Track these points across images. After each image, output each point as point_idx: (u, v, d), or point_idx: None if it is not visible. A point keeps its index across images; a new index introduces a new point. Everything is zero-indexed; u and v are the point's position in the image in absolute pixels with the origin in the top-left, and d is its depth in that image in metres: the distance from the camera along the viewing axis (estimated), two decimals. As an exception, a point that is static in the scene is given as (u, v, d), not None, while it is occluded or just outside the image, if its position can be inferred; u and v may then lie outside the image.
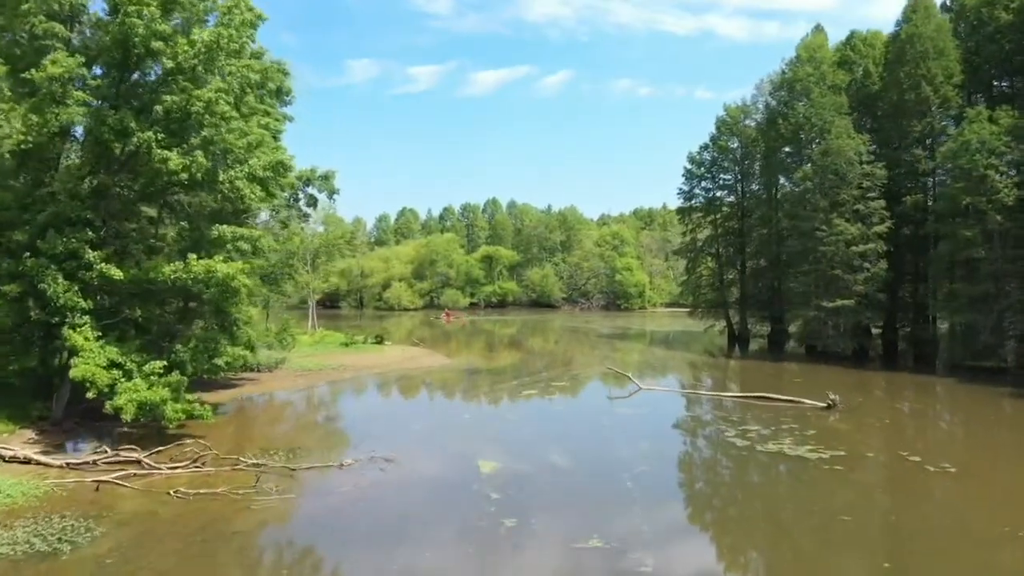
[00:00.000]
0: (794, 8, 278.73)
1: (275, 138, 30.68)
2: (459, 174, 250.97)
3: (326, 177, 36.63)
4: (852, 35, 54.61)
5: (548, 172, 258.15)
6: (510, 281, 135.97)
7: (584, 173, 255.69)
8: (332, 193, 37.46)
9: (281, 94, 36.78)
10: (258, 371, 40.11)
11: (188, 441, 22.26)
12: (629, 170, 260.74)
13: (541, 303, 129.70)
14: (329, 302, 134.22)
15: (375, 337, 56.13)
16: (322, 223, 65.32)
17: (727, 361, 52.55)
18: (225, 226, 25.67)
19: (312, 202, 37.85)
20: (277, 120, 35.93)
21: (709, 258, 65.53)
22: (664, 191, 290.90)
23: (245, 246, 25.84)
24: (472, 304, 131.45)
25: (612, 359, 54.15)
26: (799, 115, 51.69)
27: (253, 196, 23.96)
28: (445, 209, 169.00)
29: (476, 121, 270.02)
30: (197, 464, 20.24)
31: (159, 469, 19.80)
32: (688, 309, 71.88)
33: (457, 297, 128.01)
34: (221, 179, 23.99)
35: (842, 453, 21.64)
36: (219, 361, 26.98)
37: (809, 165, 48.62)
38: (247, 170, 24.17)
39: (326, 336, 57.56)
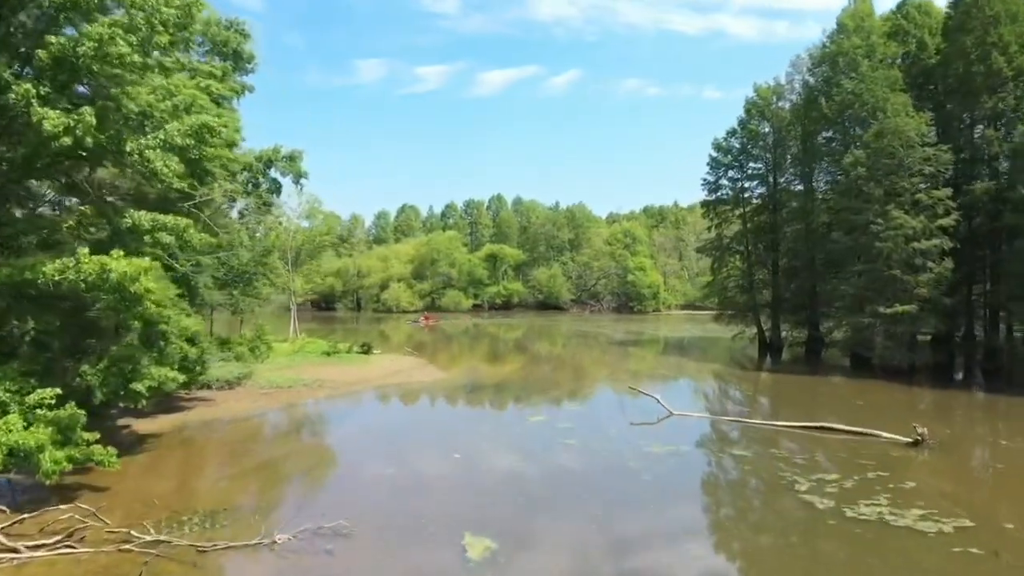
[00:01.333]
0: (804, 7, 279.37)
1: (217, 103, 25.05)
2: (463, 173, 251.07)
3: (291, 158, 30.98)
4: (904, 2, 48.71)
5: (554, 171, 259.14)
6: (515, 281, 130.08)
7: (591, 172, 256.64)
8: (299, 176, 31.79)
9: (240, 59, 31.25)
10: (216, 389, 34.75)
11: (78, 503, 16.59)
12: (636, 169, 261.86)
13: (548, 305, 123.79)
14: (324, 303, 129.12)
15: (361, 346, 50.46)
16: (305, 217, 59.85)
17: (762, 375, 46.64)
18: (143, 212, 20.11)
19: (275, 188, 32.16)
20: (233, 90, 30.46)
21: (737, 257, 59.59)
22: (673, 189, 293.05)
23: (167, 238, 20.23)
24: (475, 306, 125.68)
25: (629, 371, 48.49)
26: (845, 92, 45.84)
27: (168, 171, 18.25)
28: (447, 206, 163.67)
29: (482, 121, 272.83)
30: (71, 542, 14.65)
31: (16, 551, 14.23)
32: (703, 311, 66.08)
33: (459, 298, 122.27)
34: (129, 148, 18.39)
35: (967, 522, 15.84)
36: (139, 386, 21.41)
37: (860, 149, 42.63)
38: (162, 136, 18.51)
39: (308, 344, 51.94)
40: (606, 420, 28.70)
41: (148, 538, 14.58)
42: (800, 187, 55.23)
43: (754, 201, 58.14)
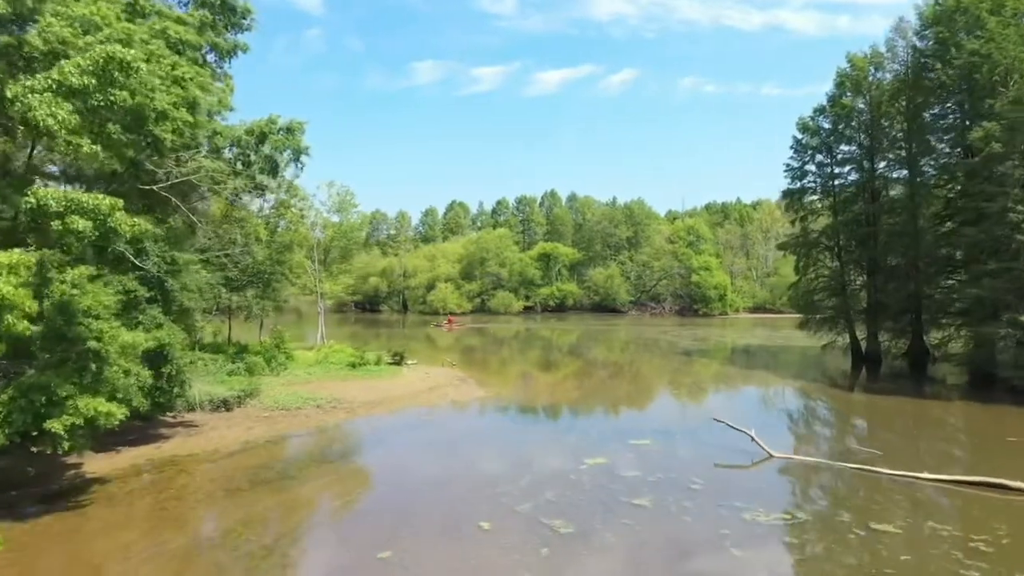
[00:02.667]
0: (867, 0, 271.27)
1: (179, 52, 19.58)
2: (515, 174, 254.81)
3: (290, 130, 25.37)
4: (1039, -54, 40.88)
5: (608, 171, 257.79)
6: (570, 282, 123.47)
7: (647, 171, 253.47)
8: (299, 153, 26.19)
9: (230, 11, 25.88)
10: (212, 410, 29.62)
11: None
12: (694, 168, 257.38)
13: (605, 307, 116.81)
14: (369, 305, 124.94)
15: (392, 356, 44.91)
16: (336, 211, 54.74)
17: (863, 396, 39.43)
18: (51, 189, 14.74)
19: (272, 167, 26.63)
20: (219, 46, 25.08)
21: (826, 254, 52.21)
22: (734, 187, 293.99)
23: (82, 225, 14.73)
24: (527, 308, 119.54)
25: (702, 389, 41.86)
26: (967, 55, 38.36)
27: (57, 123, 12.76)
28: (498, 203, 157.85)
29: (537, 122, 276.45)
30: None
31: None
32: (774, 314, 58.71)
33: (510, 300, 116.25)
34: (10, 93, 12.97)
35: None
36: (56, 424, 16.25)
37: (993, 123, 35.17)
38: (55, 76, 13.03)
39: (334, 352, 46.67)
40: (684, 463, 22.31)
41: None
42: (903, 172, 47.64)
43: (849, 189, 50.65)
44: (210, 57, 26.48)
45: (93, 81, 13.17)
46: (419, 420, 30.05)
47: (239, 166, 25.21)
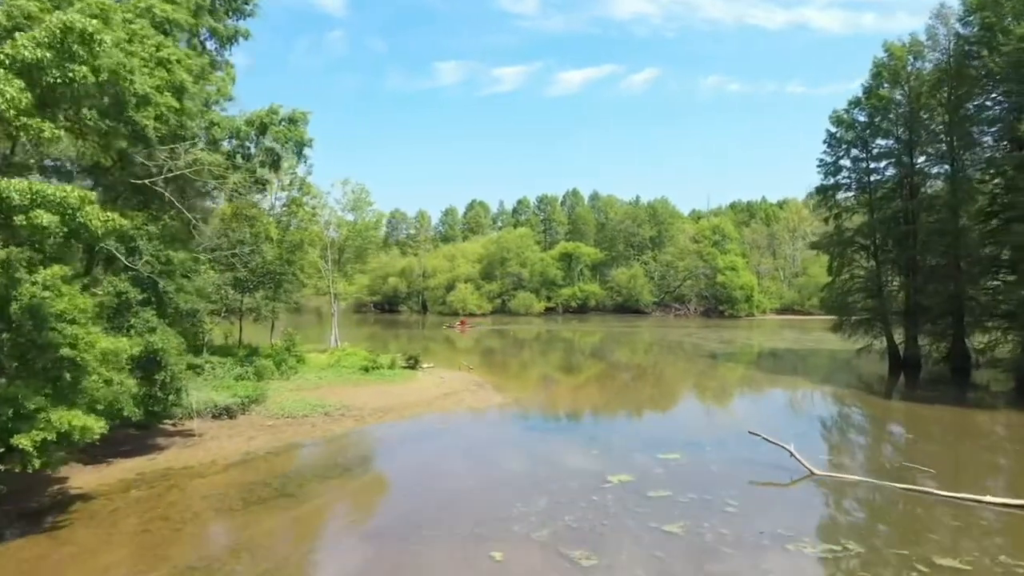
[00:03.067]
0: None
1: (165, 33, 18.08)
2: (536, 174, 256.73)
3: (292, 120, 23.86)
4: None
5: (631, 171, 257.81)
6: (592, 283, 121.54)
7: (670, 170, 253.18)
8: (301, 145, 24.68)
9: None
10: (214, 418, 28.24)
11: None
12: (718, 167, 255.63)
13: (628, 308, 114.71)
14: (388, 305, 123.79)
15: (407, 360, 43.36)
16: (351, 209, 53.33)
17: (903, 404, 37.31)
18: (14, 181, 13.28)
19: (273, 160, 25.12)
20: (217, 31, 23.65)
21: (862, 254, 49.93)
22: (759, 186, 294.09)
23: (47, 219, 13.26)
24: (548, 309, 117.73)
25: (732, 395, 39.96)
26: (1016, 42, 36.12)
27: (5, 102, 11.27)
28: (519, 202, 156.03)
29: (558, 122, 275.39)
30: None
31: None
32: (802, 315, 56.47)
33: (531, 301, 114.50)
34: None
35: None
36: (24, 440, 14.90)
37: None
38: (7, 51, 11.54)
39: (346, 356, 45.20)
40: (717, 480, 20.45)
41: None
42: (944, 167, 45.33)
43: (887, 185, 48.38)
44: (210, 44, 25.09)
45: (48, 55, 11.70)
46: (431, 429, 28.42)
47: (239, 159, 23.69)
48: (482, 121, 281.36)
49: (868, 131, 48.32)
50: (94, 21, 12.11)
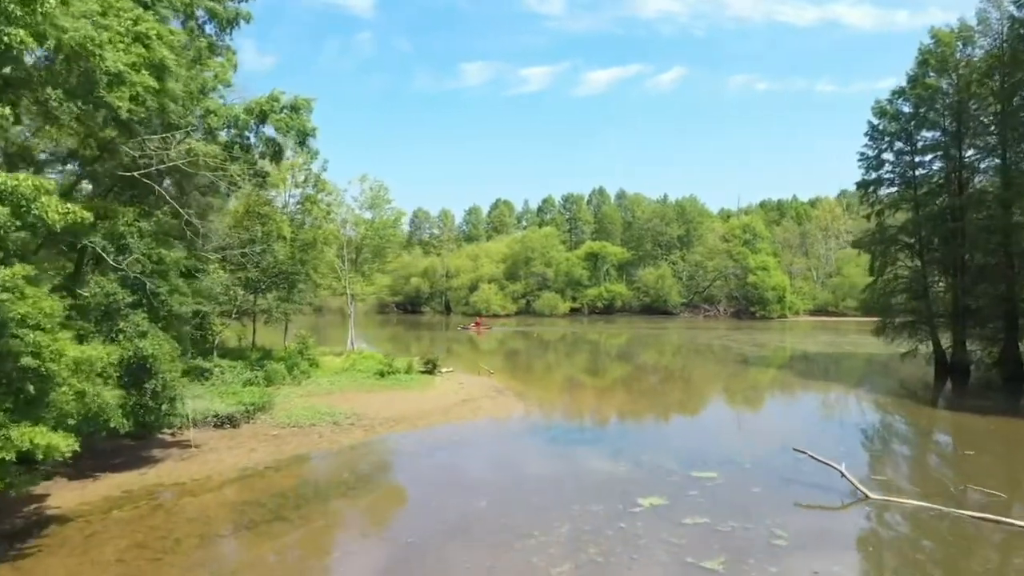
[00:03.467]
0: None
1: (146, 7, 16.42)
2: (562, 174, 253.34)
3: (294, 108, 22.13)
4: None
5: (657, 171, 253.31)
6: (619, 283, 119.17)
7: (697, 170, 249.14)
8: (304, 135, 22.91)
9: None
10: (216, 426, 26.75)
11: None
12: (747, 166, 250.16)
13: (655, 309, 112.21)
14: (411, 306, 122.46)
15: (424, 364, 41.62)
16: (369, 207, 51.72)
17: (958, 415, 34.75)
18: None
19: (274, 151, 23.41)
20: (216, 14, 22.05)
21: (905, 252, 47.25)
22: (790, 184, 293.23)
23: (-4, 212, 11.63)
24: (573, 310, 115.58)
25: (769, 403, 37.74)
26: (1079, 23, 33.56)
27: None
28: (544, 200, 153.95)
29: (584, 122, 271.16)
30: None
31: None
32: (836, 316, 53.85)
33: (555, 302, 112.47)
34: None
35: None
36: (-22, 461, 13.22)
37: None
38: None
39: (362, 359, 43.64)
40: (760, 504, 18.37)
41: None
42: (995, 160, 42.65)
43: (935, 180, 45.69)
44: (209, 28, 23.46)
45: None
46: (445, 441, 26.60)
47: (236, 150, 22.00)
48: (507, 121, 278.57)
49: (913, 123, 45.64)
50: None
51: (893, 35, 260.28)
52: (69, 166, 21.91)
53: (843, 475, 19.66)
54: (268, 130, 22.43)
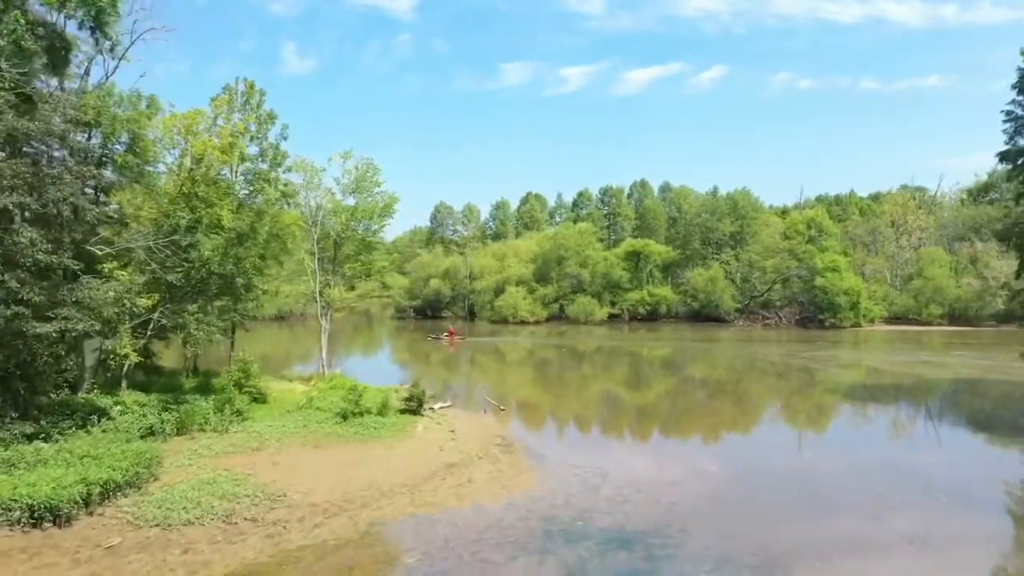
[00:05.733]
0: None
1: None
2: (599, 174, 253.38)
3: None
4: None
5: (700, 169, 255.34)
6: (663, 286, 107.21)
7: (741, 168, 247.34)
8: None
9: None
10: (47, 522, 16.95)
11: None
12: (789, 162, 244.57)
13: (706, 316, 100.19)
14: (430, 310, 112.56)
15: (407, 399, 31.38)
16: (352, 191, 41.49)
17: None
18: None
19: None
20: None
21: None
22: (841, 182, 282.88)
23: None
24: (612, 316, 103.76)
25: (904, 482, 26.55)
26: None
27: None
28: (580, 194, 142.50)
29: (624, 121, 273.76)
30: None
31: None
32: (919, 326, 42.38)
33: (592, 307, 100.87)
34: None
35: None
36: None
37: None
38: None
39: (329, 391, 33.64)
40: None
41: None
42: None
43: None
44: None
45: None
46: (387, 563, 16.25)
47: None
48: (544, 121, 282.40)
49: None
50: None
51: (941, 31, 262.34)
52: None
53: None
54: None
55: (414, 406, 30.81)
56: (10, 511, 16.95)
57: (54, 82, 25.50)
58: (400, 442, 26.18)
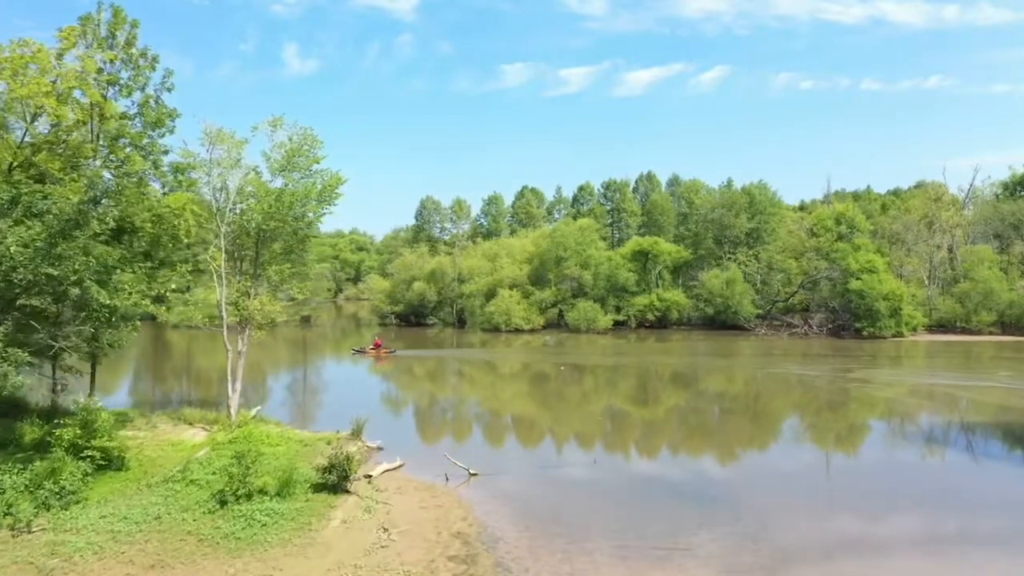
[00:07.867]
0: None
1: None
2: (599, 171, 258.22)
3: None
4: None
5: (698, 169, 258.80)
6: (674, 289, 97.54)
7: (740, 167, 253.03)
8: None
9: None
10: None
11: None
12: (791, 163, 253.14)
13: (722, 322, 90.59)
14: (414, 316, 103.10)
15: (325, 469, 21.87)
16: (280, 169, 32.05)
17: None
18: None
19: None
20: None
21: None
22: (848, 179, 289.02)
23: None
24: (617, 323, 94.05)
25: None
26: None
27: None
28: (580, 188, 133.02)
29: (625, 121, 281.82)
30: None
31: None
32: (968, 335, 33.43)
33: (594, 312, 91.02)
34: None
35: None
36: None
37: None
38: None
39: (232, 443, 24.24)
40: None
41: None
42: None
43: None
44: None
45: None
46: None
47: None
48: (545, 122, 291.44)
49: None
50: None
51: (943, 32, 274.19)
52: None
53: None
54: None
55: (340, 476, 21.33)
56: None
57: None
58: (294, 555, 16.73)
